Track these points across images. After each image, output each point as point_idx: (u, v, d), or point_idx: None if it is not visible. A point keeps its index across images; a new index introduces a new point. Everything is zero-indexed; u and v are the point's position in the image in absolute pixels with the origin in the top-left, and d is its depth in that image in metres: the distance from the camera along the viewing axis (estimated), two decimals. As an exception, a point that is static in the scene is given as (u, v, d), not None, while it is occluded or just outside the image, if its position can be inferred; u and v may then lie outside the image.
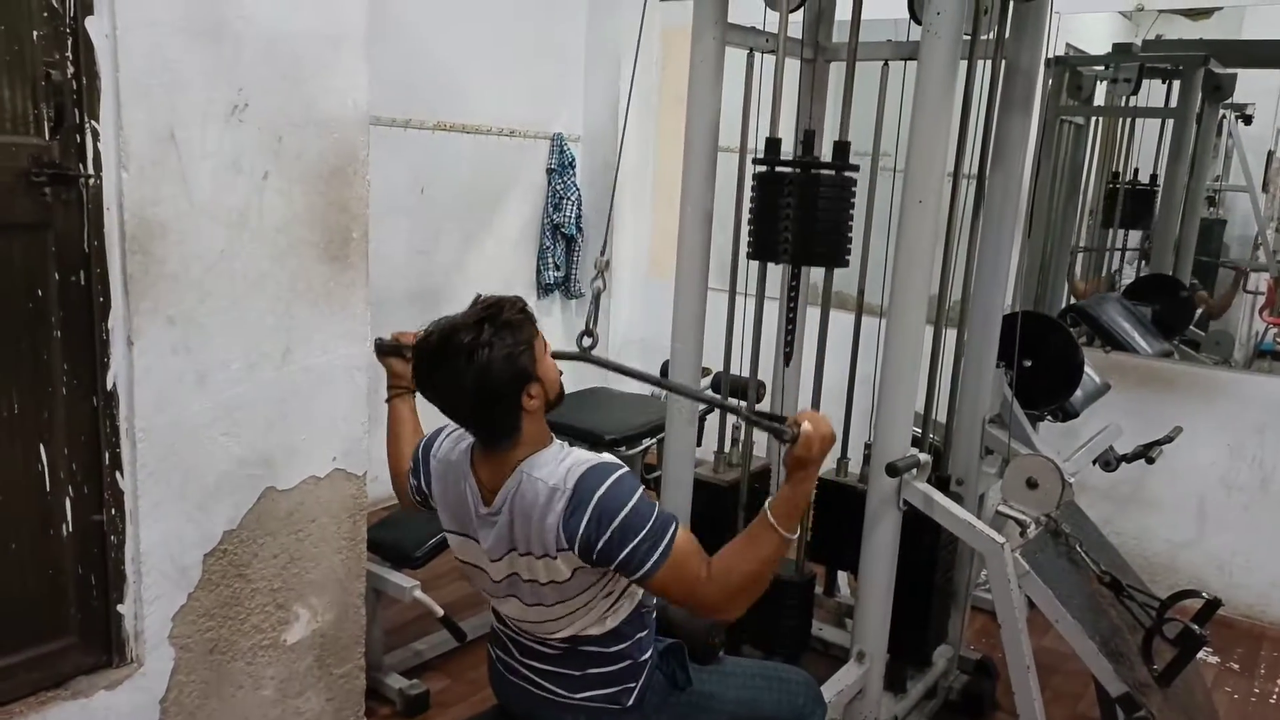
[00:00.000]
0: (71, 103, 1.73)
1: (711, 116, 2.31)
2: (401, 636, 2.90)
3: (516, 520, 1.53)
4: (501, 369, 1.47)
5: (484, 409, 1.51)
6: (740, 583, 1.52)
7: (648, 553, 1.47)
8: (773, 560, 1.53)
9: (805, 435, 1.51)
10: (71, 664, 1.91)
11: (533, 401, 1.53)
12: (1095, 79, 4.41)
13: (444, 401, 1.54)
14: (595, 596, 1.57)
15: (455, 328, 1.50)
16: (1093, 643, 1.99)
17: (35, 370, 1.77)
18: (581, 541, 1.48)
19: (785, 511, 1.52)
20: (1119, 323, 3.85)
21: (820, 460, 1.54)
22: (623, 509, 1.48)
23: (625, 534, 1.47)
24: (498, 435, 1.55)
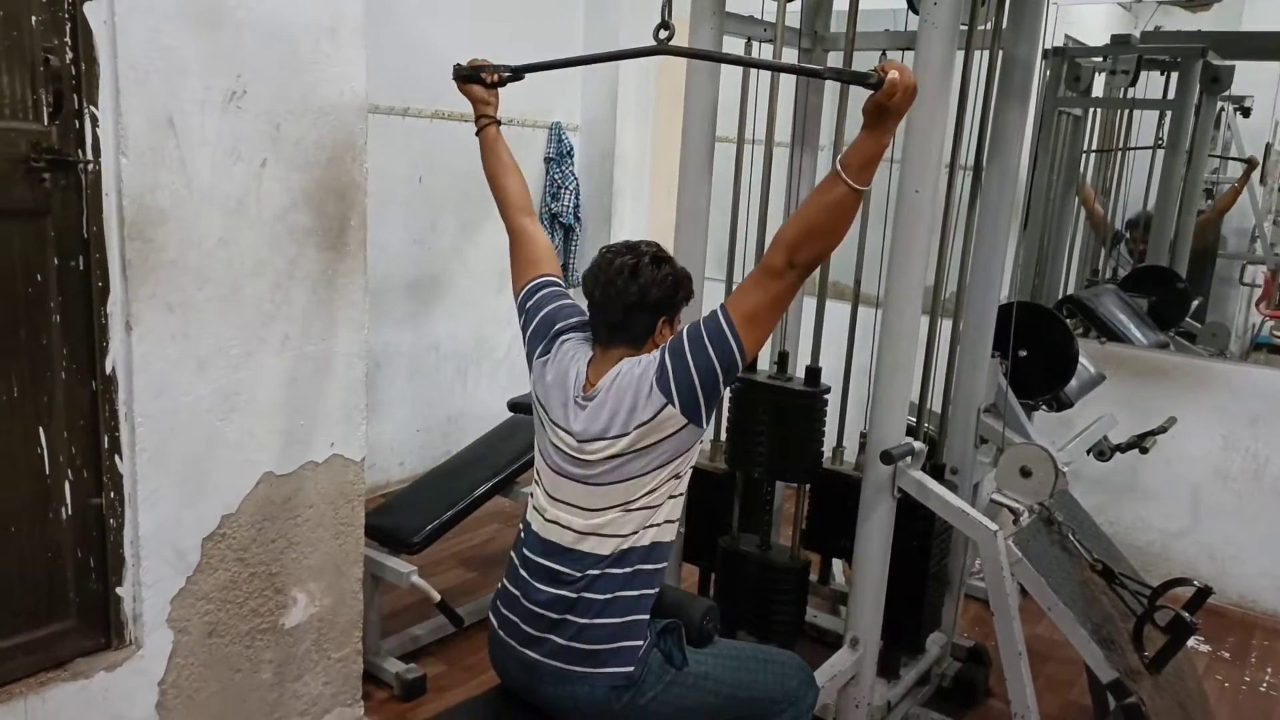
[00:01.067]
0: (70, 88, 1.73)
1: (709, 106, 2.32)
2: (399, 622, 2.92)
3: (611, 399, 1.66)
4: (668, 287, 1.71)
5: (632, 309, 1.69)
6: (800, 234, 1.59)
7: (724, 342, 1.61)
8: (836, 208, 1.56)
9: (890, 81, 1.49)
10: (71, 646, 1.92)
11: (662, 337, 1.73)
12: (1093, 70, 4.42)
13: (606, 288, 1.69)
14: (665, 482, 1.67)
15: (645, 242, 1.75)
16: (1084, 630, 2.01)
17: (35, 355, 1.78)
18: (679, 385, 1.61)
19: (858, 163, 1.53)
20: (1115, 314, 3.87)
21: (900, 112, 1.54)
22: (684, 337, 1.66)
23: (697, 349, 1.62)
24: (624, 338, 1.72)
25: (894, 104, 1.51)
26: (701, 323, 1.66)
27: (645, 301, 1.69)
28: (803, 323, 2.70)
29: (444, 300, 4.23)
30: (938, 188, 2.14)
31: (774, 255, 1.61)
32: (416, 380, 4.15)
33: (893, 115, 1.54)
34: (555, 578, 1.69)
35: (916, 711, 2.61)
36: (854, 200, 1.56)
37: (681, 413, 1.63)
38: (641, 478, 1.66)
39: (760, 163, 2.51)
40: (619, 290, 1.68)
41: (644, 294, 1.68)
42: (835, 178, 1.55)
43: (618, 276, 1.69)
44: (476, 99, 1.99)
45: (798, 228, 1.61)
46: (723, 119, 2.35)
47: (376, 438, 3.81)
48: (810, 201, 1.61)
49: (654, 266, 1.70)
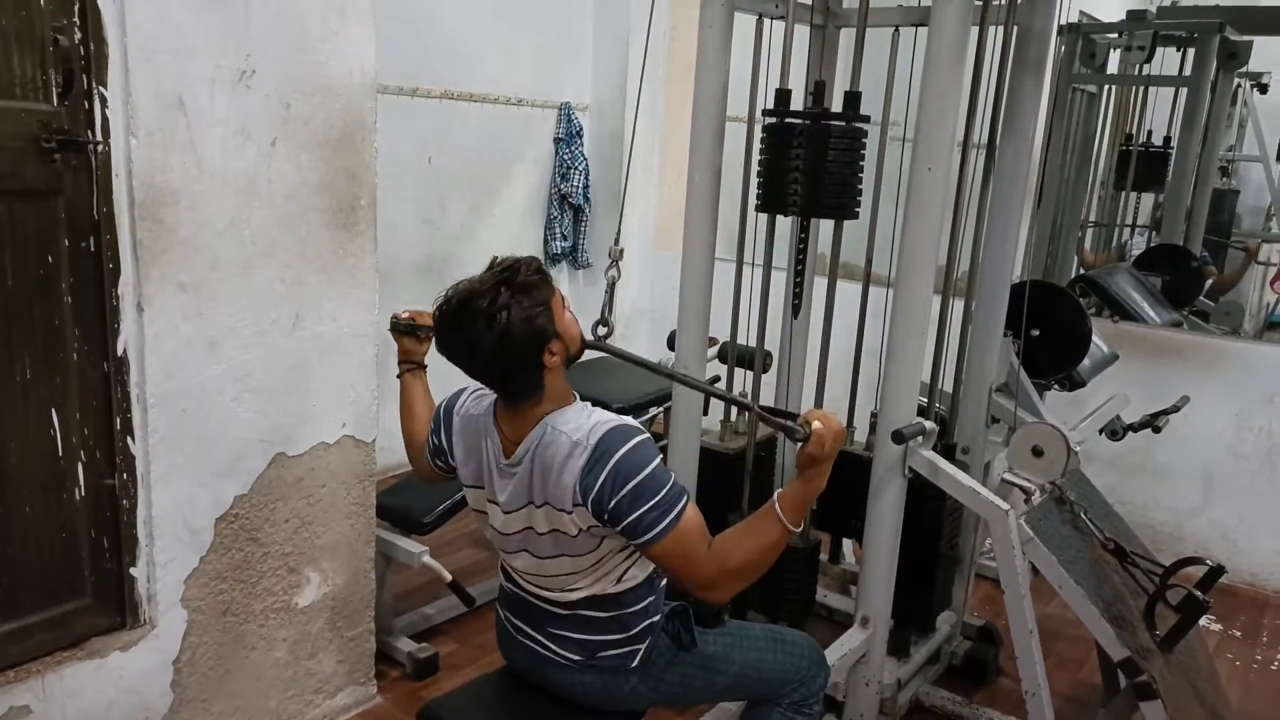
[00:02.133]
0: (80, 68, 1.73)
1: (720, 84, 2.29)
2: (411, 601, 2.94)
3: (536, 472, 1.56)
4: (521, 331, 1.49)
5: (506, 370, 1.54)
6: (737, 566, 1.54)
7: (656, 520, 1.49)
8: (772, 550, 1.55)
9: (817, 433, 1.51)
10: (86, 625, 1.94)
11: (554, 359, 1.55)
12: (1108, 46, 4.37)
13: (466, 364, 1.56)
14: (608, 555, 1.59)
15: (473, 293, 1.52)
16: (1095, 608, 2.01)
17: (47, 336, 1.78)
18: (595, 498, 1.49)
19: (793, 505, 1.54)
20: (1128, 293, 3.84)
21: (832, 458, 1.54)
22: (639, 473, 1.49)
23: (637, 497, 1.48)
24: (521, 393, 1.57)
25: (824, 454, 1.52)
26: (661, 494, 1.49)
27: (514, 357, 1.51)
28: (815, 304, 2.68)
29: (453, 280, 4.20)
30: (951, 166, 2.12)
31: (709, 573, 1.53)
32: (427, 360, 4.15)
33: (825, 461, 1.53)
34: (544, 601, 1.69)
35: (927, 690, 2.61)
36: (786, 539, 1.55)
37: (591, 516, 1.52)
38: (583, 555, 1.58)
39: (771, 141, 2.48)
40: (484, 367, 1.54)
41: (507, 356, 1.50)
42: (774, 519, 1.53)
43: (474, 357, 1.52)
44: (407, 349, 1.92)
45: (739, 563, 1.53)
46: (733, 98, 2.33)
47: (387, 419, 3.81)
48: (750, 540, 1.54)
49: (490, 330, 1.48)
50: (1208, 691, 2.30)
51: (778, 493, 1.55)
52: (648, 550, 1.52)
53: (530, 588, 1.70)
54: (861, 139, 2.18)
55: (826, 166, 2.15)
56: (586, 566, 1.60)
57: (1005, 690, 2.73)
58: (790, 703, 1.82)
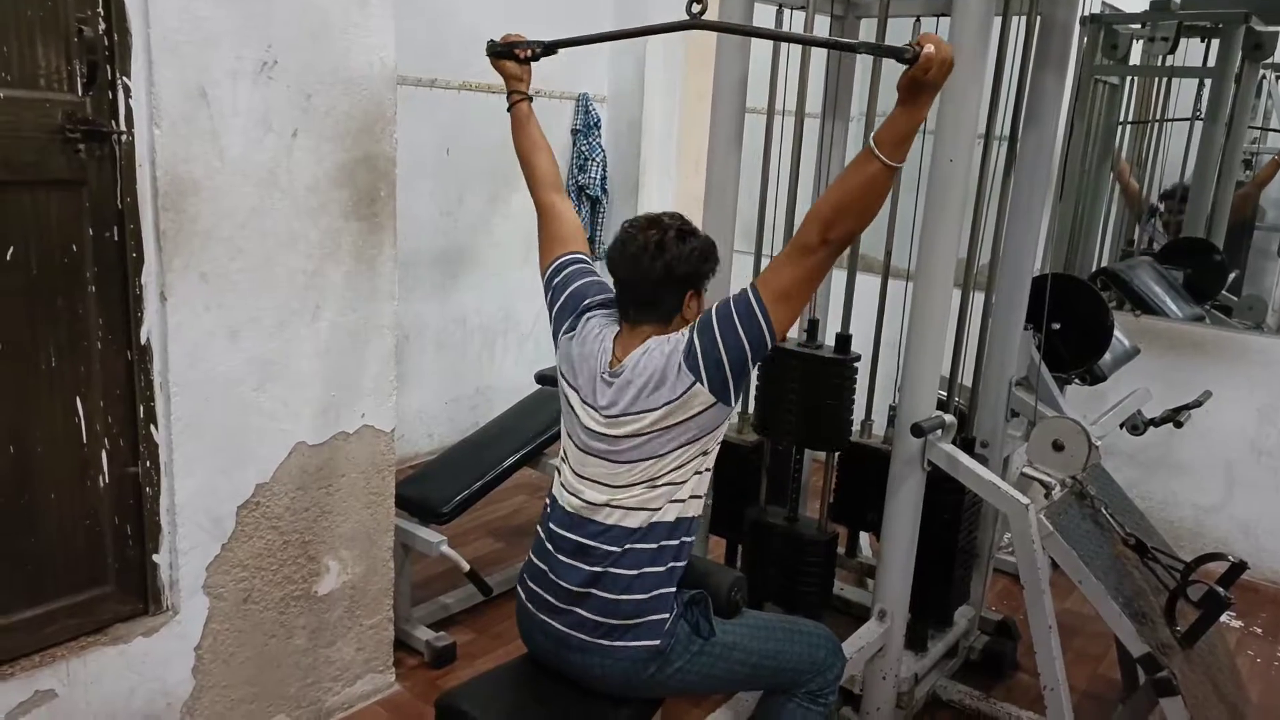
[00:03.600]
0: (104, 59, 1.74)
1: (739, 77, 2.29)
2: (429, 590, 2.95)
3: (638, 377, 1.65)
4: (692, 262, 1.68)
5: (658, 285, 1.67)
6: (834, 211, 1.57)
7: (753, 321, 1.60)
8: (873, 190, 1.55)
9: (926, 56, 1.46)
10: (110, 611, 1.96)
11: (689, 310, 1.71)
12: (1131, 37, 4.32)
13: (630, 265, 1.68)
14: (692, 458, 1.67)
15: (667, 214, 1.73)
16: (1115, 603, 2.00)
17: (71, 325, 1.80)
18: (707, 364, 1.60)
19: (892, 139, 1.51)
20: (1150, 286, 3.81)
21: (936, 87, 1.50)
22: (712, 316, 1.64)
23: (725, 328, 1.61)
24: (651, 314, 1.70)
25: (929, 79, 1.48)
26: (731, 300, 1.65)
27: (672, 277, 1.67)
28: (833, 292, 2.68)
29: (471, 273, 4.24)
30: (972, 157, 2.11)
31: (807, 231, 1.60)
32: (445, 352, 4.17)
33: (928, 90, 1.51)
34: (581, 552, 1.69)
35: (944, 684, 2.61)
36: (888, 177, 1.54)
37: (709, 391, 1.62)
38: (667, 455, 1.66)
39: (790, 134, 2.48)
40: (645, 267, 1.67)
41: (670, 270, 1.66)
42: (869, 154, 1.53)
43: (643, 253, 1.67)
44: (509, 75, 2.00)
45: (832, 204, 1.58)
46: (752, 90, 2.32)
47: (406, 409, 3.84)
48: (844, 178, 1.59)
49: (679, 241, 1.67)
50: (1228, 688, 2.28)
51: (872, 134, 1.55)
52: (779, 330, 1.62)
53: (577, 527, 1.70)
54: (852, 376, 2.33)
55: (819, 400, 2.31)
56: (668, 469, 1.66)
57: (1023, 685, 2.73)
58: (806, 692, 1.83)
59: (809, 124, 2.51)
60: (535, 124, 2.02)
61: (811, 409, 2.32)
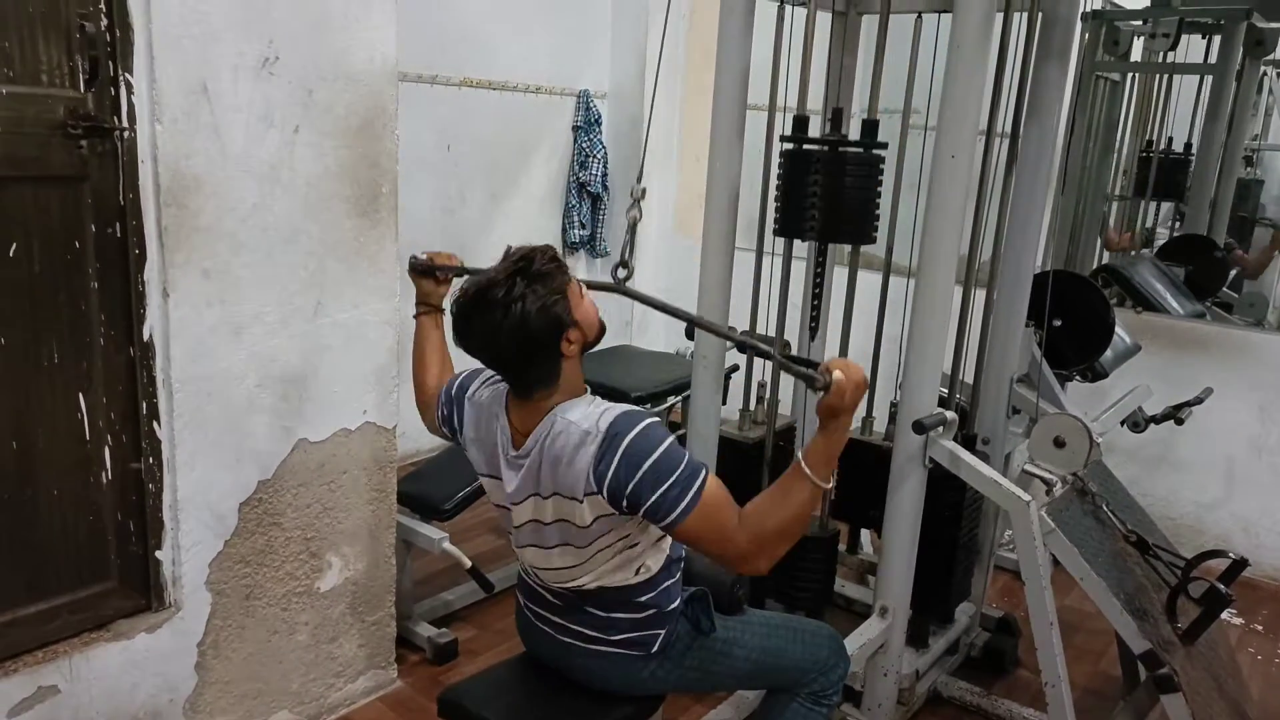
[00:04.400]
0: (105, 55, 1.74)
1: (740, 73, 2.29)
2: (431, 587, 2.96)
3: (545, 463, 1.54)
4: (538, 320, 1.49)
5: (524, 359, 1.53)
6: (772, 532, 1.49)
7: (677, 498, 1.46)
8: (805, 511, 1.51)
9: (838, 383, 1.48)
10: (113, 607, 1.97)
11: (571, 347, 1.55)
12: (1133, 34, 4.31)
13: (484, 355, 1.55)
14: (614, 545, 1.58)
15: (490, 283, 1.51)
16: (1117, 600, 2.00)
17: (73, 321, 1.80)
18: (611, 484, 1.48)
19: (818, 461, 1.50)
20: (1151, 283, 3.81)
21: (853, 408, 1.51)
22: (653, 452, 1.47)
23: (656, 477, 1.46)
24: (537, 383, 1.56)
25: (845, 404, 1.48)
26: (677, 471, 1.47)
27: (533, 346, 1.50)
28: (835, 289, 2.67)
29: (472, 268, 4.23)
30: (973, 154, 2.11)
31: (742, 540, 1.49)
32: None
33: (846, 413, 1.49)
34: (562, 591, 1.69)
35: (945, 680, 2.61)
36: (819, 496, 1.52)
37: (608, 503, 1.50)
38: (591, 545, 1.58)
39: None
40: (500, 352, 1.53)
41: (525, 343, 1.50)
42: (802, 478, 1.49)
43: (488, 344, 1.52)
44: (425, 291, 1.91)
45: (773, 528, 1.49)
46: (753, 87, 2.32)
47: (407, 407, 3.83)
48: (778, 503, 1.50)
49: (505, 314, 1.47)
50: (1229, 685, 2.29)
51: (800, 451, 1.52)
52: (675, 531, 1.50)
53: (542, 580, 1.71)
54: (879, 166, 2.21)
55: (844, 193, 2.18)
56: (588, 558, 1.59)
57: (1024, 681, 2.73)
58: (809, 693, 1.82)
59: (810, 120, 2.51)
60: (439, 338, 1.92)
61: (835, 203, 2.19)
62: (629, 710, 1.74)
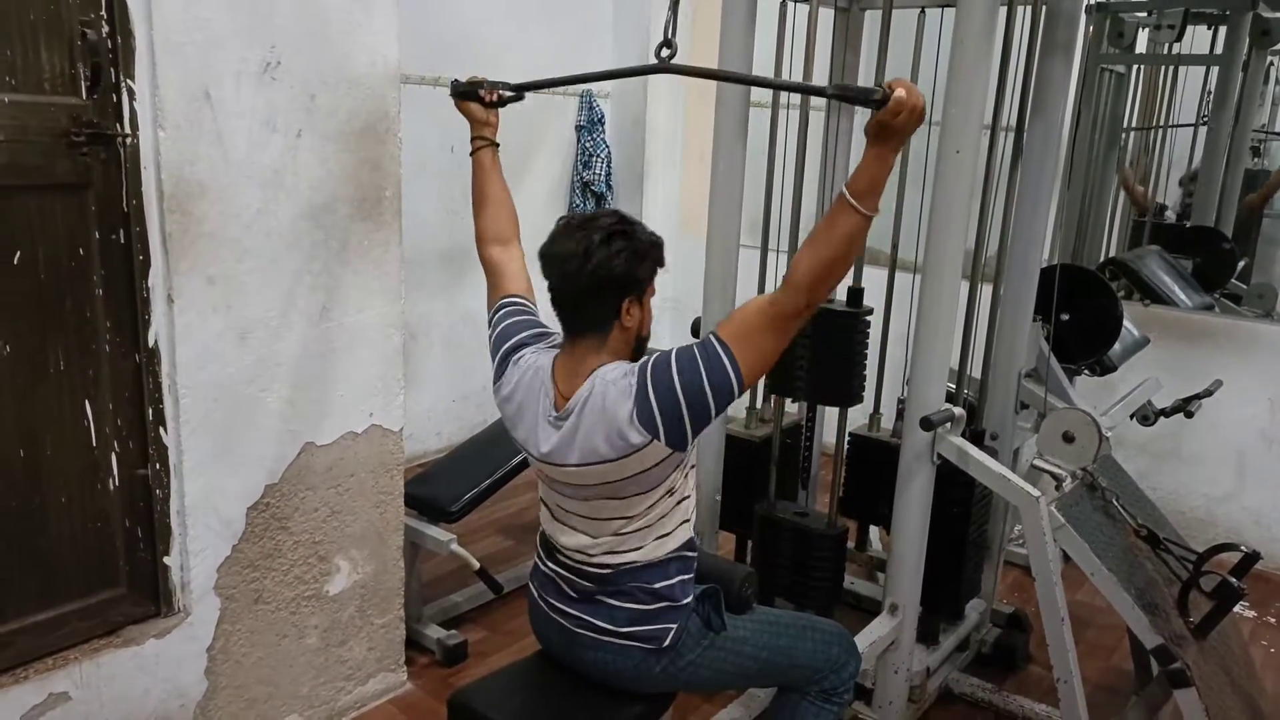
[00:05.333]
0: (107, 62, 1.74)
1: (744, 70, 2.28)
2: (439, 589, 2.96)
3: (585, 423, 1.55)
4: (622, 266, 1.54)
5: (591, 294, 1.56)
6: (820, 265, 1.48)
7: (718, 364, 1.49)
8: (852, 243, 1.48)
9: (896, 100, 1.41)
10: (122, 613, 1.97)
11: (629, 318, 1.59)
12: (1137, 25, 4.30)
13: (559, 272, 1.56)
14: (656, 503, 1.60)
15: (602, 214, 1.59)
16: (1128, 595, 1.99)
17: (79, 328, 1.80)
18: (664, 416, 1.49)
19: (864, 188, 1.45)
20: (1159, 276, 3.79)
21: (905, 133, 1.46)
22: (670, 359, 1.52)
23: (686, 374, 1.49)
24: (588, 326, 1.58)
25: (898, 124, 1.44)
26: (696, 353, 1.52)
27: (600, 285, 1.55)
28: (840, 291, 2.66)
29: (477, 271, 4.15)
30: (979, 148, 2.10)
31: (792, 298, 1.50)
32: (452, 351, 4.17)
33: (897, 135, 1.46)
34: (580, 574, 1.69)
35: (956, 677, 2.60)
36: (866, 227, 1.49)
37: (666, 444, 1.52)
38: (632, 498, 1.60)
39: (795, 129, 2.47)
40: (571, 274, 1.55)
41: (597, 277, 1.54)
42: (845, 206, 1.46)
43: (569, 259, 1.55)
44: (474, 118, 1.88)
45: (814, 266, 1.49)
46: (756, 84, 2.32)
47: (413, 409, 3.83)
48: (822, 236, 1.50)
49: (605, 244, 1.53)
50: (1242, 679, 2.27)
51: (846, 182, 1.50)
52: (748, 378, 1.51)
53: (566, 557, 1.70)
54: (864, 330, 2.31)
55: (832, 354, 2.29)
56: (636, 512, 1.60)
57: (1035, 677, 2.72)
58: (820, 691, 1.82)
59: (814, 118, 2.51)
60: (498, 175, 1.90)
61: (823, 365, 2.26)
62: (640, 710, 1.74)
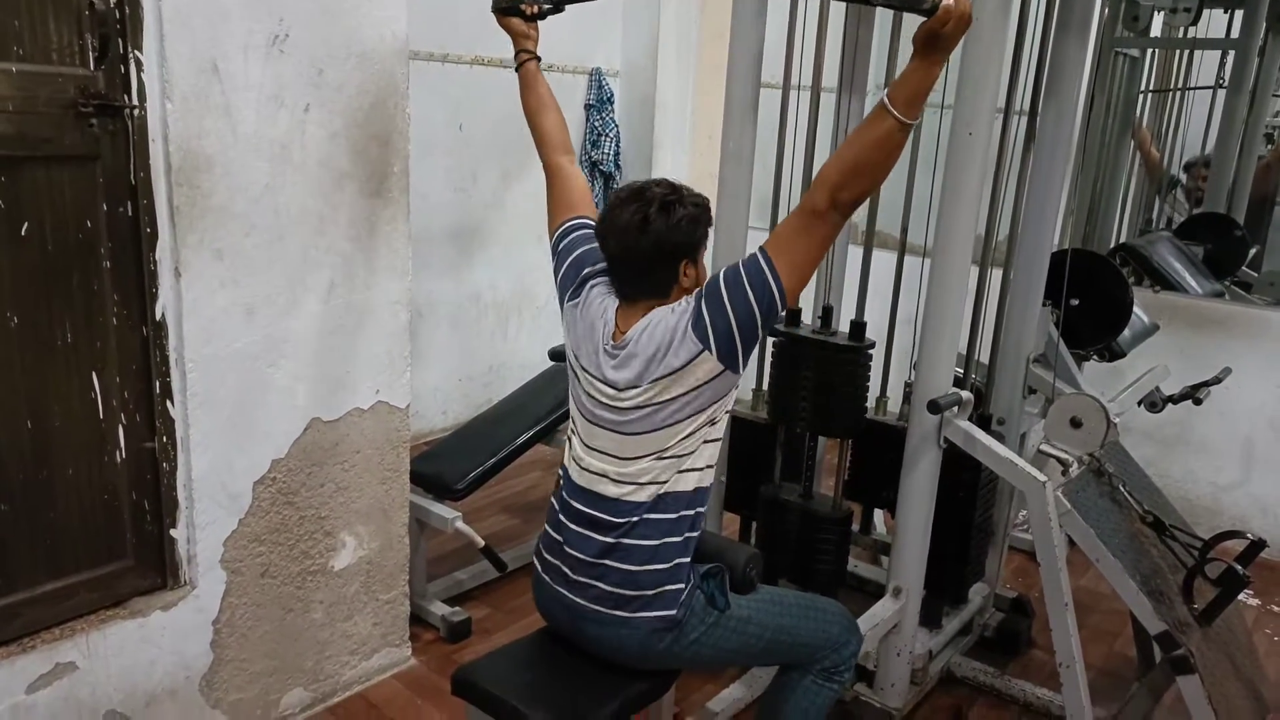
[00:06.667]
0: (115, 32, 1.73)
1: (754, 51, 2.26)
2: (444, 566, 2.97)
3: (643, 348, 1.62)
4: (683, 229, 1.63)
5: (652, 263, 1.64)
6: (846, 171, 1.51)
7: (761, 281, 1.56)
8: (886, 149, 1.49)
9: (945, 8, 1.40)
10: (129, 585, 1.98)
11: (686, 280, 1.67)
12: (1152, 8, 4.25)
13: (619, 242, 1.64)
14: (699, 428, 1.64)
15: (655, 182, 1.66)
16: (1133, 581, 1.98)
17: (86, 300, 1.80)
18: (716, 331, 1.57)
19: (906, 96, 1.46)
20: (1169, 262, 3.77)
21: (953, 42, 1.45)
22: (719, 281, 1.59)
23: (734, 291, 1.57)
24: (648, 290, 1.66)
25: (947, 31, 1.43)
26: (740, 266, 1.60)
27: (662, 252, 1.63)
28: (849, 268, 2.65)
29: (485, 249, 4.23)
30: (991, 131, 2.08)
31: (817, 195, 1.54)
32: (458, 329, 4.17)
33: (945, 45, 1.45)
34: (595, 524, 1.69)
35: (958, 661, 2.61)
36: (902, 136, 1.49)
37: (718, 359, 1.59)
38: (675, 425, 1.64)
39: (806, 109, 2.45)
40: (632, 244, 1.62)
41: (659, 245, 1.62)
42: (882, 111, 1.48)
43: (629, 230, 1.62)
44: (516, 32, 1.96)
45: (842, 165, 1.52)
46: (767, 64, 2.29)
47: (420, 386, 3.84)
48: (855, 138, 1.53)
49: (663, 213, 1.61)
50: (1246, 666, 2.27)
51: (886, 89, 1.50)
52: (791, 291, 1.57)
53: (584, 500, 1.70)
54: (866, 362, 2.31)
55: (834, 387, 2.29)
56: (676, 439, 1.63)
57: (1038, 662, 2.72)
58: (821, 669, 1.83)
59: (825, 98, 2.49)
60: (544, 84, 1.98)
61: (825, 396, 2.29)
62: (643, 687, 1.75)
